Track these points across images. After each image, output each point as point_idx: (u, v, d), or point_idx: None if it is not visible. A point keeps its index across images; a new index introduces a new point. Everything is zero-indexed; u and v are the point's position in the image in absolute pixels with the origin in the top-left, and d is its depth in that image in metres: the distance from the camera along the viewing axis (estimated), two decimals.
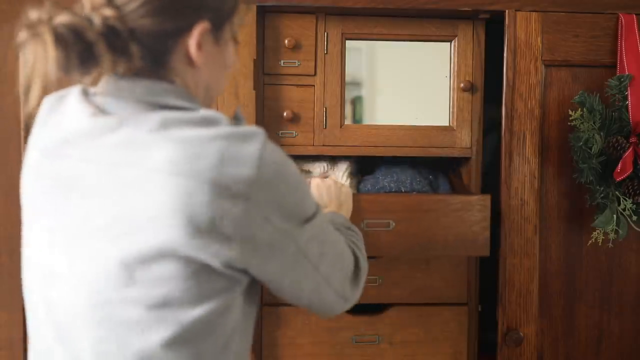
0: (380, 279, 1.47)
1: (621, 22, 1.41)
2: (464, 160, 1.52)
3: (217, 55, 0.85)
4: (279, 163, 0.77)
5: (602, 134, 1.37)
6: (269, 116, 1.45)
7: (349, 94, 1.49)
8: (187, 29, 0.79)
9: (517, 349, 1.45)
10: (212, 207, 0.71)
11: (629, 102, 1.37)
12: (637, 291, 1.48)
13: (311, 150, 1.46)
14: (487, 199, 1.37)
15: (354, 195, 1.34)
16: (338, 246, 0.91)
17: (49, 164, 0.80)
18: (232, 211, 0.72)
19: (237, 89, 1.39)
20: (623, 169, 1.35)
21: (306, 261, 0.83)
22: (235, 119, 0.86)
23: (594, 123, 1.37)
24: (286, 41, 1.43)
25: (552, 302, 1.47)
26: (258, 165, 0.73)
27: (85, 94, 0.82)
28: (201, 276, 0.74)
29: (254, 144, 0.74)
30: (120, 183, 0.74)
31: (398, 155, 1.48)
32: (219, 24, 0.83)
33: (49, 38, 0.70)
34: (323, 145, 1.46)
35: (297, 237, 0.80)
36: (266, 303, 1.47)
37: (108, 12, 0.74)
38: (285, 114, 1.44)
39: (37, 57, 0.71)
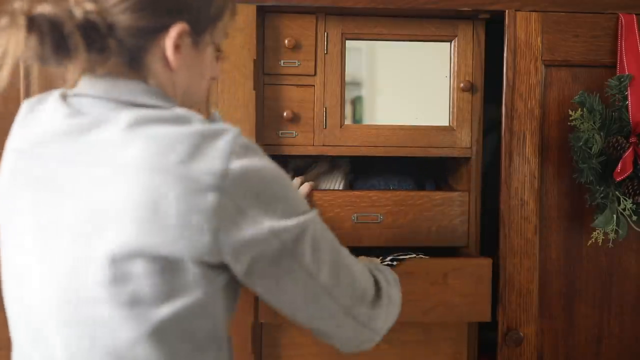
0: None
1: (621, 22, 1.41)
2: (464, 160, 1.52)
3: (195, 60, 0.85)
4: (251, 156, 0.75)
5: (602, 134, 1.37)
6: (269, 116, 1.45)
7: (349, 94, 1.49)
8: (164, 29, 0.80)
9: (517, 349, 1.45)
10: (179, 201, 0.71)
11: (629, 102, 1.37)
12: (637, 291, 1.48)
13: (311, 150, 1.46)
14: (465, 195, 1.47)
15: (347, 191, 1.45)
16: (345, 258, 0.86)
17: (23, 164, 0.81)
18: (202, 205, 0.72)
19: (237, 89, 1.39)
20: (623, 169, 1.35)
21: (296, 265, 0.78)
22: (211, 120, 0.86)
23: (594, 123, 1.37)
24: (286, 41, 1.43)
25: (552, 302, 1.47)
26: (228, 159, 0.73)
27: (64, 96, 0.82)
28: (168, 273, 0.73)
29: (224, 139, 0.74)
30: (92, 182, 0.74)
31: (398, 155, 1.48)
32: (199, 28, 0.83)
33: (22, 24, 0.72)
34: (323, 145, 1.46)
35: (281, 233, 0.76)
36: None
37: (89, 6, 0.75)
38: (285, 114, 1.44)
39: (10, 41, 0.72)
